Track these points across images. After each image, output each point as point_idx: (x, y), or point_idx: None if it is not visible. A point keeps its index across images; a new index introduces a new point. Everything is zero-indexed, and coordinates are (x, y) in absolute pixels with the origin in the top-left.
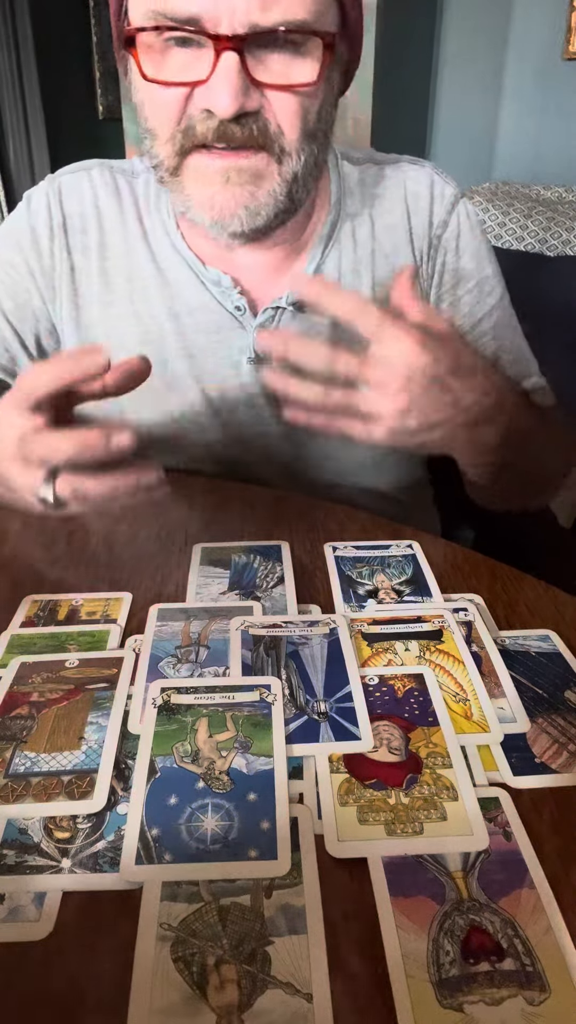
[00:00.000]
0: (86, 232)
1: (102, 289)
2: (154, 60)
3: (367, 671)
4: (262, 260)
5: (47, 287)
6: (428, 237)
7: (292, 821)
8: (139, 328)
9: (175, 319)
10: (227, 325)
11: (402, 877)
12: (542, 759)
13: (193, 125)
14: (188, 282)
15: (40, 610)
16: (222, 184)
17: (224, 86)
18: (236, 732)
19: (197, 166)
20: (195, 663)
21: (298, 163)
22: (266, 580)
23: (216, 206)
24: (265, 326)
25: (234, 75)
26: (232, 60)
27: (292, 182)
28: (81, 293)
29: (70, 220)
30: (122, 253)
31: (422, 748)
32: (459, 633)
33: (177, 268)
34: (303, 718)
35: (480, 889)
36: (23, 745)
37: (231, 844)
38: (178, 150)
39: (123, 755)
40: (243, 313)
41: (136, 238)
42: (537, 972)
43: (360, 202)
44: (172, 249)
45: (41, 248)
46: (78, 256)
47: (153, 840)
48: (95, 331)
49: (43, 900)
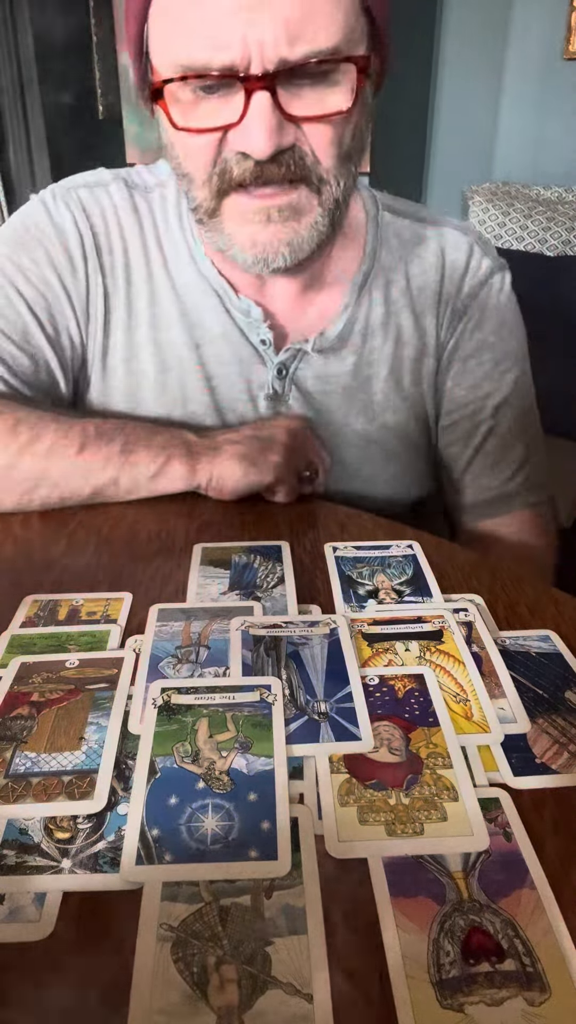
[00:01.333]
0: (112, 252)
1: (125, 314)
2: (183, 108)
3: (367, 671)
4: (292, 289)
5: (82, 312)
6: (454, 305)
7: (292, 821)
8: (159, 357)
9: (195, 349)
10: (248, 359)
11: (402, 877)
12: (542, 759)
13: (229, 168)
14: (212, 310)
15: (40, 610)
16: (263, 223)
17: (259, 128)
18: (236, 732)
19: (236, 207)
20: (195, 663)
21: (337, 189)
22: (266, 580)
23: (259, 244)
24: (287, 364)
25: (268, 115)
26: (264, 99)
27: (333, 209)
28: (110, 319)
29: (99, 239)
30: (144, 278)
31: (422, 748)
32: (459, 633)
33: (201, 295)
34: (303, 718)
35: (480, 889)
36: (23, 745)
37: (231, 844)
38: (215, 192)
39: (123, 755)
40: (267, 347)
41: (157, 264)
42: (537, 973)
43: (397, 257)
44: (198, 275)
45: (77, 270)
46: (109, 279)
47: (153, 840)
48: (116, 357)
49: (43, 900)
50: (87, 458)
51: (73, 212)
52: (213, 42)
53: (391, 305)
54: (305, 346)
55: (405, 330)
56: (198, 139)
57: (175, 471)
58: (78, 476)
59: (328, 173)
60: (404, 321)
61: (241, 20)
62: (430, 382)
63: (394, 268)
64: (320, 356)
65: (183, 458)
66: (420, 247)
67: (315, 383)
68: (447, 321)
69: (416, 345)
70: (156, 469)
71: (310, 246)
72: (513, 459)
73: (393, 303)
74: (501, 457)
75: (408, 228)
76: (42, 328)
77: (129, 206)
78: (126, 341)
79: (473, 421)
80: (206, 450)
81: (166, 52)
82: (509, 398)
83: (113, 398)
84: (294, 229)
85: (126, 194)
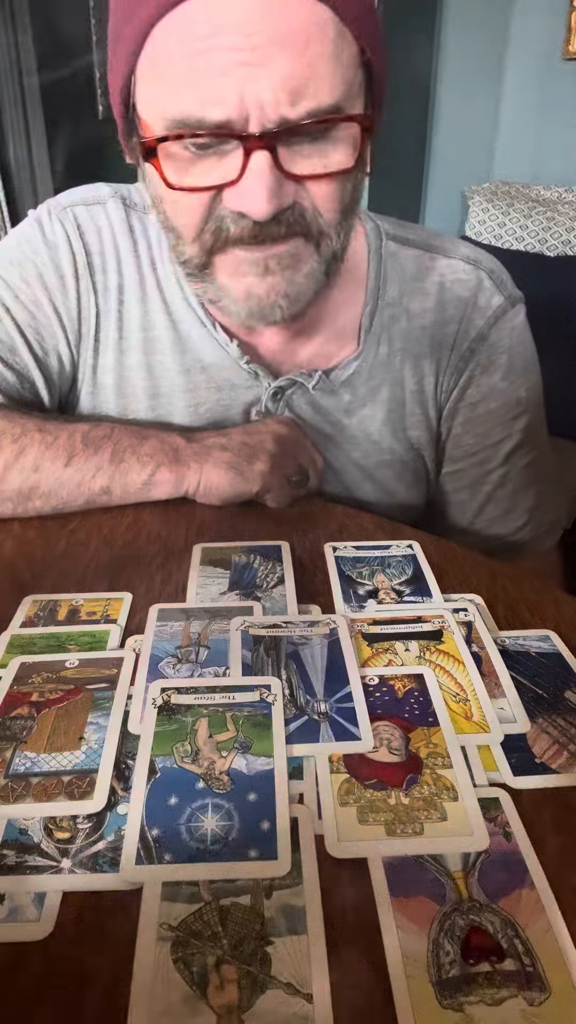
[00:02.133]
0: (106, 272)
1: (117, 335)
2: (176, 165)
3: (367, 671)
4: (283, 331)
5: (73, 331)
6: (461, 349)
7: (292, 821)
8: (150, 381)
9: (186, 375)
10: (242, 383)
11: (402, 877)
12: (542, 759)
13: (225, 227)
14: (203, 339)
15: (40, 610)
16: (260, 275)
17: (259, 189)
18: (236, 732)
19: (231, 260)
20: (195, 663)
21: (337, 241)
22: (266, 580)
23: (254, 297)
24: (284, 389)
25: (267, 175)
26: (264, 159)
27: (331, 260)
28: (101, 338)
29: (92, 258)
30: (137, 299)
31: (422, 748)
32: (459, 633)
33: (191, 323)
34: (303, 718)
35: (480, 889)
36: (23, 745)
37: (231, 844)
38: (207, 249)
39: (123, 755)
40: (256, 377)
41: (151, 285)
42: (537, 972)
43: (400, 290)
44: (184, 303)
45: (68, 288)
46: (101, 298)
47: (153, 840)
48: (107, 378)
49: (43, 900)
50: (76, 469)
51: (67, 230)
52: (209, 99)
53: (393, 345)
54: (306, 381)
55: (404, 372)
56: (191, 197)
57: (163, 479)
58: (70, 487)
59: (329, 227)
60: (404, 363)
61: (239, 76)
62: (430, 428)
63: (397, 305)
64: (318, 392)
65: (171, 466)
66: (425, 280)
67: (309, 411)
68: (452, 365)
69: (414, 390)
70: (146, 477)
71: (307, 297)
72: (525, 507)
73: (394, 343)
74: (512, 506)
75: (414, 260)
76: (29, 347)
77: (125, 226)
78: (117, 363)
79: (483, 469)
80: (194, 456)
81: (157, 107)
82: (521, 444)
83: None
84: (290, 279)
85: (123, 213)
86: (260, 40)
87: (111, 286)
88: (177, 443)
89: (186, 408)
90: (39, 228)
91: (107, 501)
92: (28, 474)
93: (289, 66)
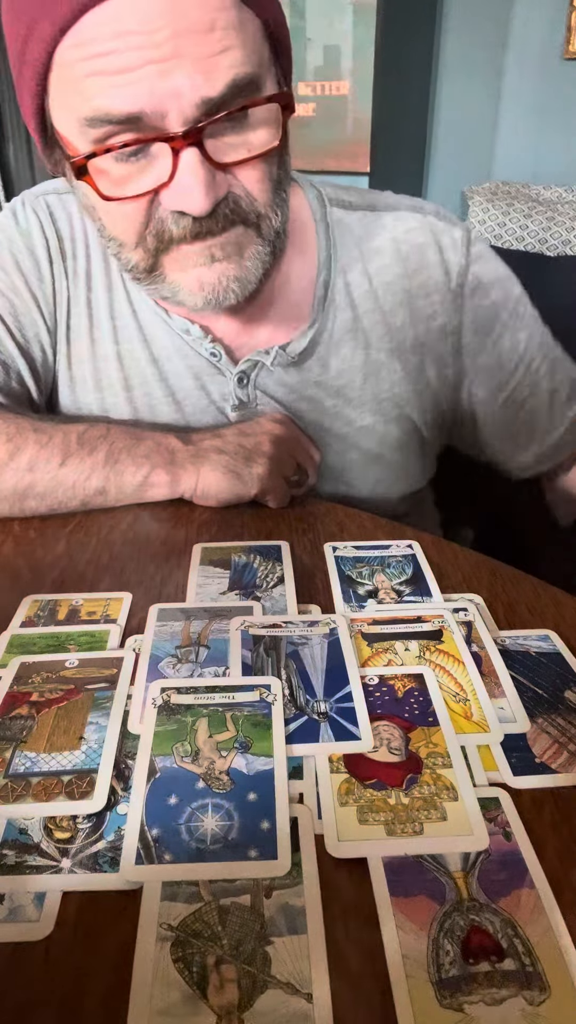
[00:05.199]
0: (76, 258)
1: (87, 321)
2: (108, 178)
3: (367, 671)
4: (237, 310)
5: (51, 317)
6: (449, 289)
7: (292, 821)
8: (123, 372)
9: (155, 364)
10: (204, 371)
11: (402, 877)
12: (542, 759)
13: (166, 228)
14: (159, 326)
15: (40, 610)
16: (207, 264)
17: (193, 185)
18: (236, 732)
19: (177, 257)
20: (195, 663)
21: (276, 219)
22: (266, 580)
23: (207, 286)
24: (247, 372)
25: (199, 170)
26: (193, 155)
27: (274, 239)
28: (72, 326)
29: (64, 244)
30: (104, 287)
31: (422, 748)
32: (459, 633)
33: (149, 311)
34: (303, 718)
35: (480, 889)
36: (23, 745)
37: (231, 844)
38: (152, 252)
39: (123, 755)
40: (219, 359)
41: (116, 274)
42: (537, 972)
43: (353, 257)
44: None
45: (43, 273)
46: (72, 284)
47: (153, 840)
48: (83, 368)
49: (43, 900)
50: (71, 470)
51: (40, 217)
52: (122, 93)
53: (356, 310)
54: (264, 359)
55: (375, 333)
56: (127, 205)
57: (159, 480)
58: (65, 487)
59: (265, 208)
60: (374, 323)
61: (150, 74)
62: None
63: (352, 269)
64: (282, 368)
65: (167, 467)
66: (377, 239)
67: (280, 391)
68: (448, 303)
69: (390, 348)
70: (141, 479)
71: (256, 277)
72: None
73: (358, 307)
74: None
75: (359, 222)
76: (11, 335)
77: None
78: (90, 353)
79: (530, 369)
80: (190, 459)
81: (72, 117)
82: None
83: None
84: (239, 263)
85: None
86: (165, 35)
87: (80, 272)
88: (173, 445)
89: (161, 399)
90: (12, 217)
91: (102, 502)
92: (23, 474)
93: (198, 50)
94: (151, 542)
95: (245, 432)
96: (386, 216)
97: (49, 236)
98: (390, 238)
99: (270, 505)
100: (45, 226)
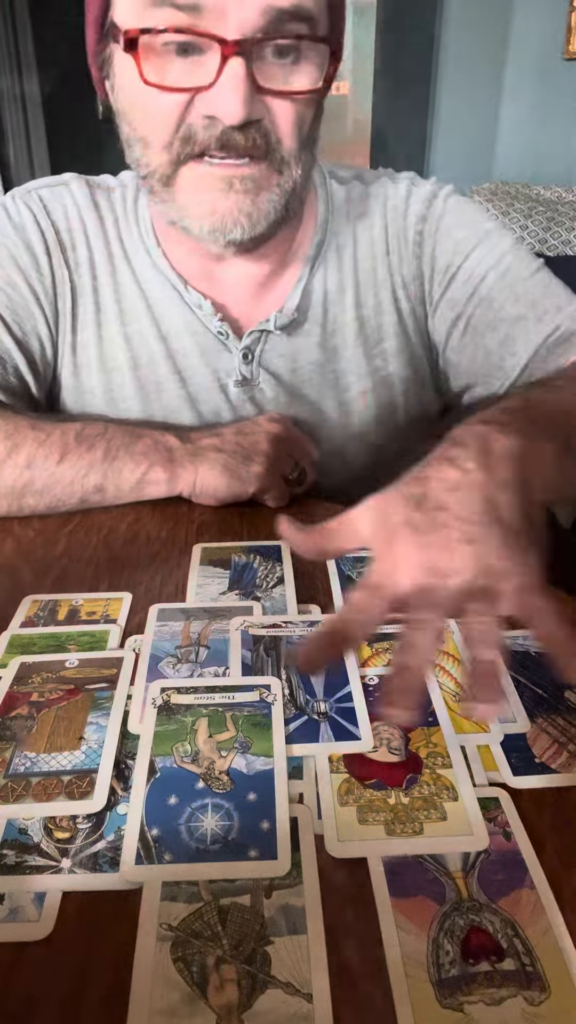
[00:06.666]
0: (75, 248)
1: (94, 309)
2: (153, 65)
3: (367, 671)
4: (247, 277)
5: (51, 309)
6: (407, 237)
7: (292, 821)
8: (130, 352)
9: (163, 341)
10: (212, 348)
11: (402, 877)
12: (542, 759)
13: (194, 133)
14: (171, 302)
15: (40, 610)
16: (224, 191)
17: (233, 92)
18: (236, 732)
19: (195, 174)
20: (195, 663)
21: (297, 172)
22: (266, 580)
23: (217, 212)
24: (251, 348)
25: (242, 81)
26: (239, 65)
27: (291, 193)
28: (78, 315)
29: (61, 235)
30: (108, 271)
31: (422, 748)
32: (459, 633)
33: (160, 288)
34: (303, 718)
35: (480, 889)
36: (23, 745)
37: (231, 844)
38: (174, 159)
39: (123, 755)
40: (227, 337)
41: (119, 258)
42: (537, 972)
43: (345, 222)
44: (153, 268)
45: (41, 266)
46: (75, 274)
47: (153, 840)
48: (88, 353)
49: (43, 900)
50: (69, 467)
51: (33, 211)
52: None
53: (344, 271)
54: (267, 325)
55: (362, 290)
56: (164, 100)
57: (157, 478)
58: (63, 485)
59: (289, 154)
60: (361, 281)
61: None
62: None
63: (343, 233)
64: (284, 334)
65: (164, 465)
66: (364, 205)
67: (283, 363)
68: (405, 257)
69: (374, 304)
70: (139, 476)
71: (267, 222)
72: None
73: (345, 268)
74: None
75: (352, 190)
76: (8, 329)
77: (89, 202)
78: (96, 338)
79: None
80: (188, 457)
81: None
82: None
83: (88, 399)
84: (253, 201)
85: (86, 191)
86: None
87: (82, 261)
88: (171, 443)
89: (167, 377)
90: (4, 212)
91: (100, 500)
92: (21, 471)
93: None
94: (151, 542)
95: (243, 431)
96: (372, 186)
97: (45, 229)
98: (376, 201)
99: (269, 504)
100: (40, 219)
